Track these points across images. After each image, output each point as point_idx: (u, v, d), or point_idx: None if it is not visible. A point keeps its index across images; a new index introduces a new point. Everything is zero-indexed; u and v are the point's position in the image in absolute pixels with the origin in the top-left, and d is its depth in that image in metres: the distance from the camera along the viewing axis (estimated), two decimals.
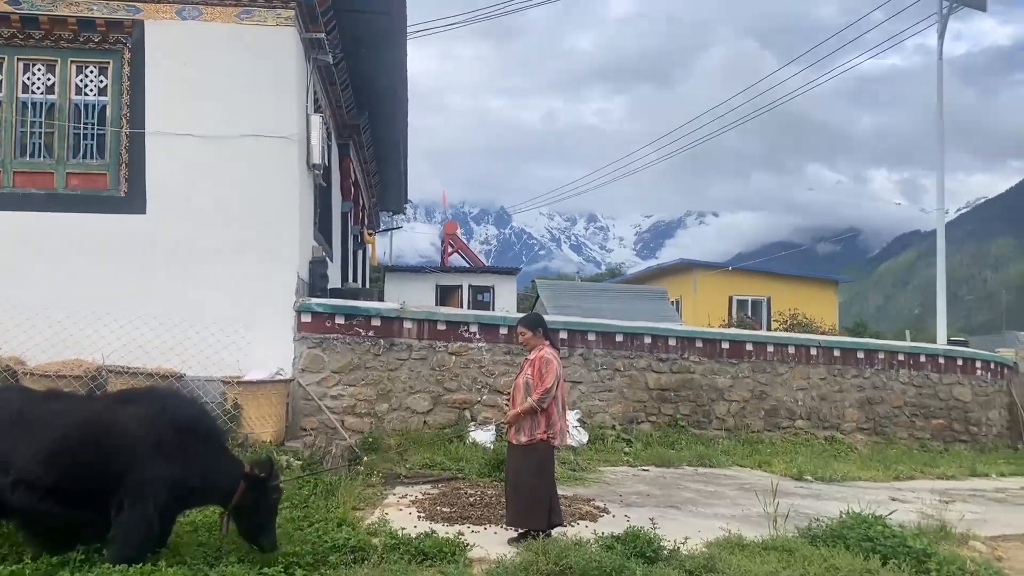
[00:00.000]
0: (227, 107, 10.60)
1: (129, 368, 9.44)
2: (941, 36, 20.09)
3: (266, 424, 9.70)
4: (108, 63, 10.68)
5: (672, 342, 12.61)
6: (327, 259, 12.40)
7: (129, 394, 5.58)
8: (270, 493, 5.13)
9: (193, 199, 10.49)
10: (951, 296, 24.27)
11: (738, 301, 30.94)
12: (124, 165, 10.52)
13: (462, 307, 23.32)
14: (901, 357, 14.03)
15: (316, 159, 11.33)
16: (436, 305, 21.93)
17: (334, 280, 13.97)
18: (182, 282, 10.24)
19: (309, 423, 10.59)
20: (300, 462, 8.75)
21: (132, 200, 10.48)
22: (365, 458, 9.30)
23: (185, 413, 5.16)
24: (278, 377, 10.16)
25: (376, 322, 11.06)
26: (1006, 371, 15.53)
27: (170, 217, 10.44)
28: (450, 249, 31.81)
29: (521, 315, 8.72)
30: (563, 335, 11.90)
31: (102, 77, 10.70)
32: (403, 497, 7.77)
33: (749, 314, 30.28)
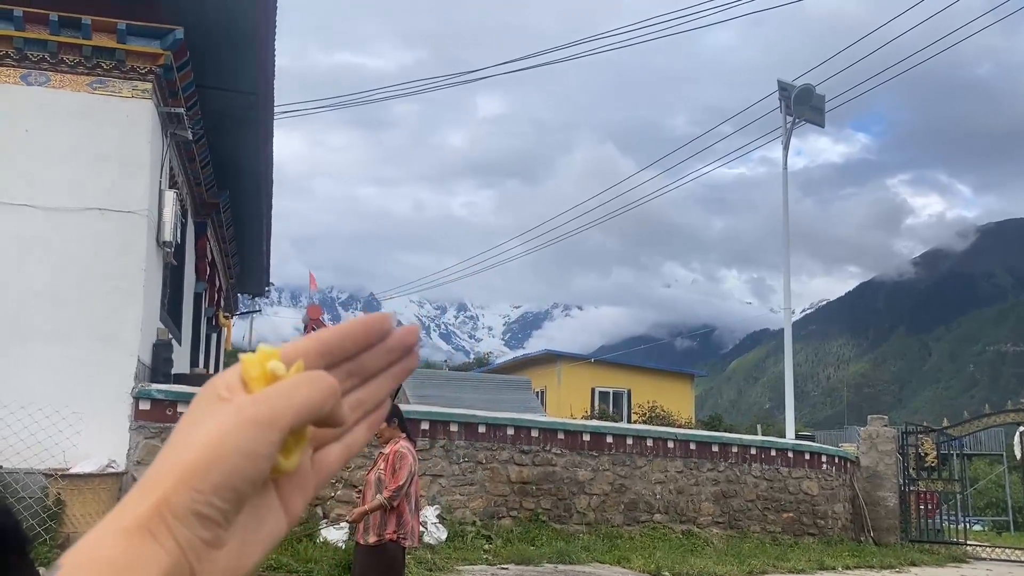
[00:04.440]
0: (72, 179, 9.93)
1: None
2: (786, 148, 21.64)
3: (92, 522, 8.50)
4: None
5: (535, 434, 12.50)
6: (174, 342, 11.67)
7: None
8: None
9: (26, 274, 9.67)
10: (798, 392, 25.49)
11: (600, 393, 31.44)
12: None
13: None
14: (753, 451, 14.45)
15: (167, 236, 10.76)
16: None
17: (182, 365, 13.14)
18: (5, 364, 9.32)
19: None
20: None
21: None
22: None
23: None
24: (109, 470, 9.30)
25: None
26: (849, 465, 16.27)
27: None
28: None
29: None
30: (424, 425, 11.57)
31: None
32: None
33: (611, 405, 30.77)
